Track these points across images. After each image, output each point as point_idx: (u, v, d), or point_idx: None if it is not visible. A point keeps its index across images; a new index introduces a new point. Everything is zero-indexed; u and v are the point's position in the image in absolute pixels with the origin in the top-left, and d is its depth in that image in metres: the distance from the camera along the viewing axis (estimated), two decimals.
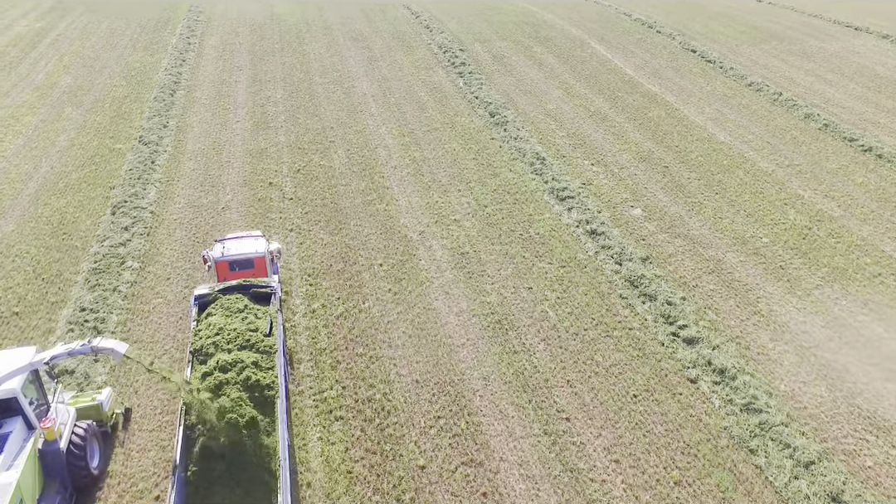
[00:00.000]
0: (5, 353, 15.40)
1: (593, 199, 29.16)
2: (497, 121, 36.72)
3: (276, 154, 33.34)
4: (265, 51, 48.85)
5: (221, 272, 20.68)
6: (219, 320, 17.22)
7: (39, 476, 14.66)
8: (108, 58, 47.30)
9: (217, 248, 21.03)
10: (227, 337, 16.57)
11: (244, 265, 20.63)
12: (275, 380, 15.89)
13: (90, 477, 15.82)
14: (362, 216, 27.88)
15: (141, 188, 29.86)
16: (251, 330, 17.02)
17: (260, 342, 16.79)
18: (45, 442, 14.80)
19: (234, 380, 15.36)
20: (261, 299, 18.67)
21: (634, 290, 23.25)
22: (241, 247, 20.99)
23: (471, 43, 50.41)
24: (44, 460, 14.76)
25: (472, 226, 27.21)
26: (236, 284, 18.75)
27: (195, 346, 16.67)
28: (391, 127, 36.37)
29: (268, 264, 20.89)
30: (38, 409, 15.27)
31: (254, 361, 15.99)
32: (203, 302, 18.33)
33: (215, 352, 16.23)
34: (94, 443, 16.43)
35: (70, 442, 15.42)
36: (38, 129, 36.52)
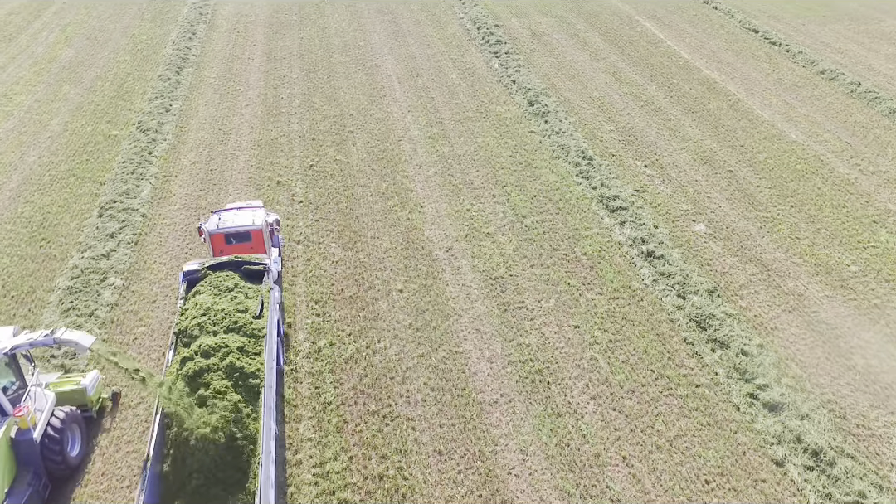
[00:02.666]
0: None
1: (649, 211, 25.11)
2: (537, 110, 32.56)
3: (288, 146, 29.68)
4: (282, 23, 44.86)
5: (217, 245, 19.76)
6: (206, 299, 16.30)
7: (11, 466, 13.87)
8: (113, 29, 43.73)
9: (212, 220, 20.08)
10: (213, 318, 15.70)
11: (241, 238, 19.67)
12: (260, 367, 14.91)
13: (67, 467, 14.86)
14: (381, 226, 24.21)
15: (134, 185, 26.49)
16: (240, 311, 16.10)
17: (248, 325, 15.83)
18: (19, 430, 13.91)
19: (216, 366, 14.45)
20: (254, 277, 17.64)
21: (702, 334, 19.38)
22: (238, 218, 20.03)
23: (507, 18, 45.85)
24: (16, 450, 13.94)
25: (507, 241, 23.41)
26: (228, 261, 17.81)
27: (180, 327, 15.82)
28: (417, 115, 32.42)
29: (265, 237, 19.85)
30: (16, 394, 14.41)
31: (240, 346, 15.09)
32: (192, 279, 17.39)
33: (200, 334, 15.34)
34: (75, 430, 15.42)
35: (46, 430, 14.45)
36: (31, 110, 33.28)
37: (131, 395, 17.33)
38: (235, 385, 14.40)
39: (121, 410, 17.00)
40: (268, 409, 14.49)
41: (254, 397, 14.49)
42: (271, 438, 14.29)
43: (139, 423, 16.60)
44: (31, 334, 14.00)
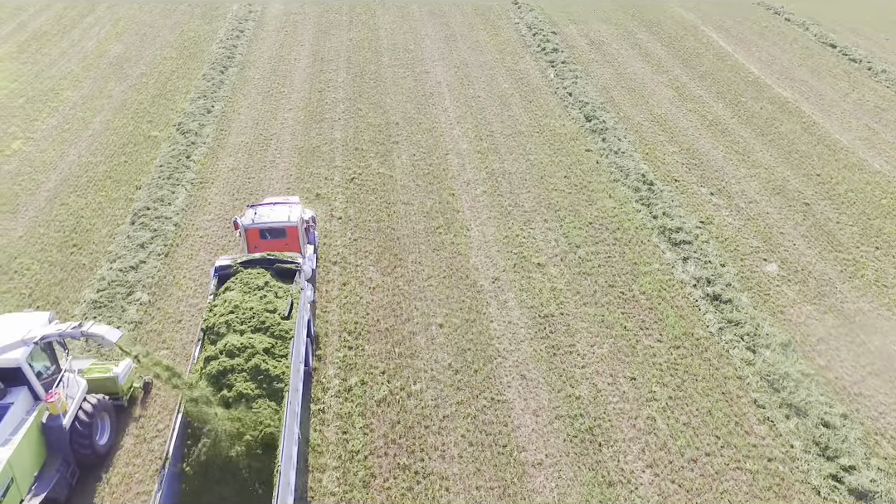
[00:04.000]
0: (19, 317, 14.92)
1: (715, 246, 22.95)
2: (594, 126, 30.54)
3: (329, 155, 28.34)
4: (331, 23, 43.65)
5: (251, 240, 19.58)
6: (235, 296, 16.00)
7: (41, 451, 14.03)
8: (162, 25, 43.17)
9: (248, 214, 19.82)
10: (241, 316, 15.39)
11: (276, 233, 19.43)
12: (285, 370, 14.51)
13: (95, 455, 14.98)
14: (424, 249, 22.63)
15: (169, 190, 25.48)
16: (269, 310, 15.70)
17: (276, 325, 15.42)
18: (50, 416, 14.06)
19: (240, 367, 14.19)
20: (285, 276, 17.22)
21: (774, 396, 17.25)
22: (274, 214, 19.72)
23: (564, 24, 43.77)
24: (47, 435, 14.07)
25: (559, 274, 21.57)
26: (260, 258, 17.40)
27: (208, 324, 15.57)
28: (467, 127, 30.74)
29: (300, 234, 19.55)
30: (50, 378, 14.57)
31: (266, 348, 14.76)
32: (223, 274, 17.13)
33: (227, 332, 15.07)
34: (105, 419, 15.57)
35: (76, 417, 14.58)
36: (76, 106, 32.72)
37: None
38: (259, 388, 14.09)
39: (151, 400, 16.78)
40: (291, 414, 14.14)
41: (278, 401, 14.07)
42: (293, 444, 14.01)
43: (168, 414, 16.14)
44: (61, 325, 14.11)
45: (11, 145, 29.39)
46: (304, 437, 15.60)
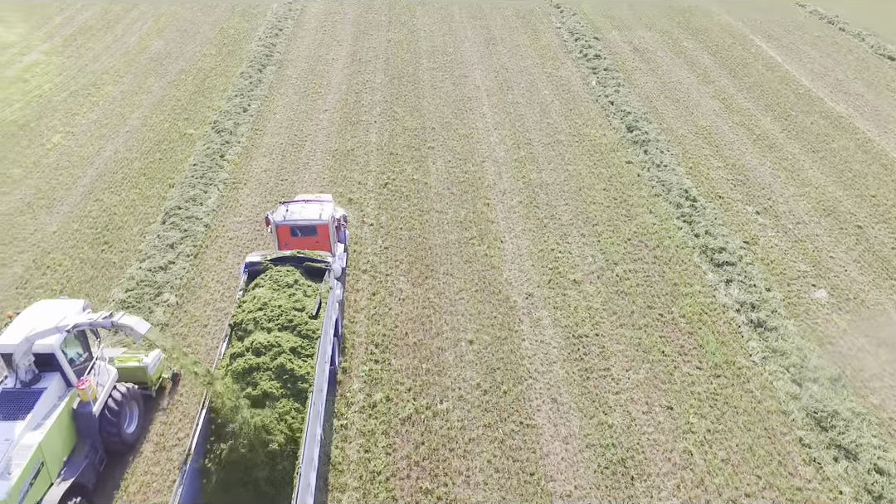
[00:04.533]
0: (55, 305, 15.10)
1: (760, 269, 21.89)
2: (636, 137, 29.58)
3: (364, 158, 27.91)
4: (370, 23, 43.31)
5: (282, 237, 19.53)
6: (264, 294, 15.96)
7: (71, 436, 14.29)
8: (203, 21, 43.33)
9: (280, 211, 19.74)
10: (269, 314, 15.36)
11: (307, 231, 19.38)
12: (311, 371, 14.44)
13: (123, 443, 15.25)
14: (456, 261, 22.03)
15: (202, 190, 25.30)
16: (297, 309, 15.64)
17: (304, 324, 15.35)
18: (80, 403, 14.37)
19: (265, 365, 14.19)
20: (315, 274, 17.18)
21: (822, 435, 16.24)
22: (305, 211, 19.69)
23: (608, 30, 42.73)
24: (77, 421, 14.36)
25: (595, 292, 20.77)
26: (290, 255, 17.38)
27: (236, 320, 15.62)
28: (504, 134, 30.04)
29: (331, 233, 19.49)
30: (82, 365, 14.89)
31: (292, 347, 14.69)
32: (254, 270, 17.17)
33: (254, 329, 15.08)
34: (133, 407, 15.85)
35: (105, 405, 14.90)
36: (115, 102, 32.89)
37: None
38: (284, 387, 14.04)
39: (172, 408, 16.64)
40: (315, 415, 14.11)
41: (302, 401, 13.99)
42: (315, 445, 14.03)
43: (189, 422, 16.00)
44: (93, 315, 14.27)
45: (52, 139, 29.61)
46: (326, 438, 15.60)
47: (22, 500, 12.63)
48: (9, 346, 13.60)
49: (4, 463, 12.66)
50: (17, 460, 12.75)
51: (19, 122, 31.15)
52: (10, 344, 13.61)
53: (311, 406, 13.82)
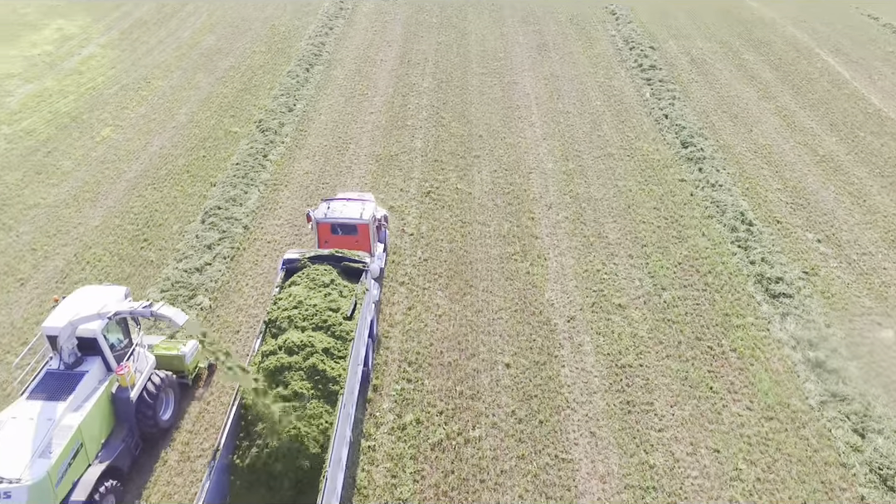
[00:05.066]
0: (98, 291, 15.59)
1: (819, 302, 20.55)
2: (690, 154, 28.31)
3: (408, 164, 27.35)
4: (421, 25, 42.78)
5: (322, 234, 19.56)
6: (300, 292, 15.89)
7: (110, 420, 14.62)
8: (255, 18, 43.44)
9: (321, 208, 19.75)
10: (304, 313, 15.30)
11: (347, 230, 19.34)
12: (342, 373, 14.33)
13: (158, 429, 15.55)
14: (496, 277, 21.26)
15: (242, 190, 25.09)
16: (332, 309, 15.54)
17: (338, 325, 15.22)
18: (119, 387, 14.70)
19: (297, 365, 14.11)
20: (352, 275, 17.03)
21: (888, 496, 14.97)
22: (347, 210, 19.60)
23: (664, 39, 41.31)
24: (115, 405, 14.69)
25: (641, 319, 19.76)
26: (328, 254, 17.29)
27: (271, 317, 15.63)
28: (553, 144, 29.12)
29: (371, 232, 19.39)
30: (122, 351, 15.18)
31: (325, 348, 14.60)
32: (291, 268, 17.08)
33: (288, 327, 15.06)
34: (169, 395, 16.13)
35: (143, 391, 15.20)
36: (165, 96, 33.07)
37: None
38: (315, 388, 13.97)
39: (199, 417, 16.43)
40: (344, 417, 14.02)
41: (332, 403, 13.88)
42: (344, 446, 14.01)
43: (215, 432, 15.80)
44: (133, 303, 14.62)
45: (102, 132, 29.87)
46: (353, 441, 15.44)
47: (61, 479, 12.89)
48: (54, 329, 14.05)
49: (46, 442, 12.97)
50: (57, 440, 13.06)
51: (72, 113, 31.55)
52: (55, 326, 14.05)
53: (341, 408, 13.71)
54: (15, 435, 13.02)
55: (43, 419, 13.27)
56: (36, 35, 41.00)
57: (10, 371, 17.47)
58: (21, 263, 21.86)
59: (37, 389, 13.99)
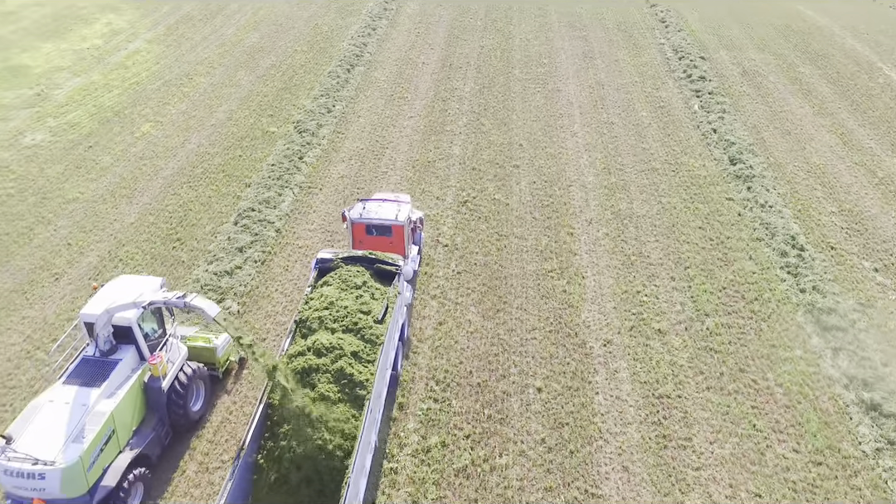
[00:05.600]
0: (134, 280, 15.76)
1: (876, 338, 19.30)
2: (739, 171, 27.13)
3: (444, 172, 26.78)
4: (465, 28, 42.15)
5: (357, 234, 19.52)
6: (332, 293, 15.83)
7: (141, 408, 14.80)
8: (299, 17, 43.37)
9: (357, 208, 19.68)
10: (335, 314, 15.23)
11: (382, 231, 19.26)
12: (370, 378, 14.18)
13: (188, 419, 15.75)
14: (532, 295, 20.54)
15: (276, 193, 24.82)
16: (363, 312, 15.43)
17: (368, 328, 15.10)
18: (151, 377, 14.85)
19: (325, 367, 14.03)
20: (384, 277, 16.89)
21: None
22: (382, 211, 19.48)
23: (715, 49, 39.94)
24: (147, 395, 14.88)
25: (681, 346, 18.83)
26: (361, 255, 17.19)
27: (301, 317, 15.54)
28: (595, 156, 28.22)
29: (406, 234, 19.25)
30: (156, 341, 15.37)
31: (354, 351, 14.47)
32: (324, 268, 17.01)
33: (318, 328, 14.99)
34: (200, 387, 16.32)
35: (174, 381, 15.33)
36: (205, 94, 33.12)
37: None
38: (342, 391, 13.86)
39: (220, 427, 16.17)
40: (370, 422, 13.91)
41: (358, 408, 13.71)
42: (368, 452, 13.91)
43: (235, 444, 15.55)
44: (168, 293, 14.79)
45: (142, 128, 29.99)
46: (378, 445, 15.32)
47: (92, 463, 13.10)
48: (92, 316, 14.30)
49: (80, 427, 13.19)
50: (90, 426, 13.28)
51: (115, 108, 31.79)
52: (92, 314, 14.29)
53: (367, 413, 13.52)
54: (51, 418, 13.30)
55: (77, 404, 13.54)
56: (87, 29, 41.60)
57: (41, 365, 17.43)
58: (56, 258, 21.93)
59: (73, 375, 14.27)
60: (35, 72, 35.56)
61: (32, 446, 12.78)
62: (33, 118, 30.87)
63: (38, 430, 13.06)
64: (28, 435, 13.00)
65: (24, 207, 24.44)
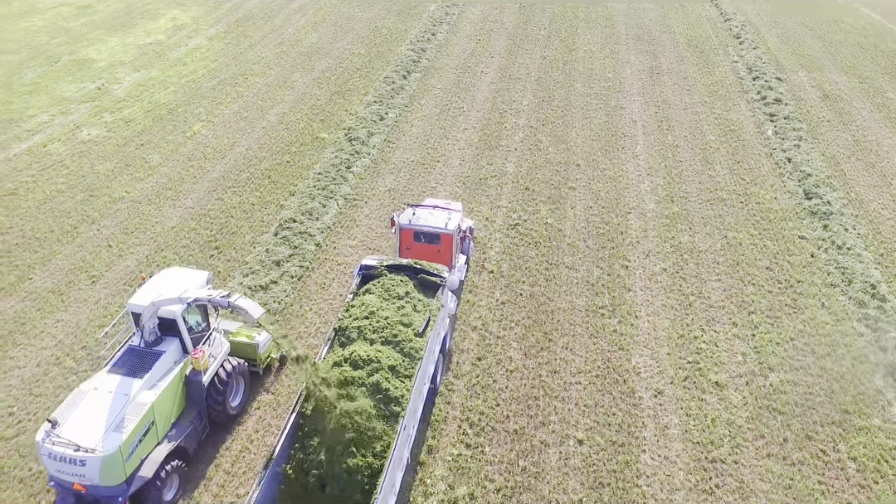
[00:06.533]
0: (182, 273, 16.00)
1: None
2: (814, 206, 25.04)
3: (496, 191, 25.57)
4: (527, 37, 40.77)
5: (405, 240, 19.26)
6: (373, 301, 15.56)
7: (181, 401, 14.88)
8: (360, 18, 42.80)
9: (407, 213, 19.37)
10: (374, 324, 14.94)
11: (430, 238, 18.95)
12: (406, 393, 13.87)
13: (226, 415, 15.73)
14: (579, 333, 19.15)
15: (320, 203, 24.07)
16: (403, 324, 15.09)
17: (407, 342, 14.74)
18: (192, 371, 14.96)
19: (361, 380, 13.73)
20: (428, 288, 16.45)
21: None
22: (432, 218, 19.13)
23: (793, 69, 37.49)
24: (187, 388, 14.97)
25: (741, 403, 17.15)
26: (406, 264, 16.76)
27: (341, 324, 15.34)
28: (657, 181, 26.54)
29: (454, 243, 18.91)
30: (200, 334, 15.39)
31: (392, 365, 14.13)
32: (367, 274, 16.74)
33: (357, 338, 14.77)
34: (240, 383, 16.35)
35: (215, 376, 15.35)
36: (259, 94, 32.76)
37: None
38: (376, 406, 13.53)
39: (239, 458, 15.53)
40: (404, 439, 13.56)
41: (392, 425, 13.37)
42: (399, 469, 13.49)
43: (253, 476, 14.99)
44: (212, 291, 14.81)
45: (193, 127, 29.79)
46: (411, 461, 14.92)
47: (131, 453, 13.22)
48: (139, 307, 14.48)
49: (121, 417, 13.33)
50: (131, 416, 13.41)
51: (169, 105, 31.73)
52: (139, 304, 14.48)
53: (401, 429, 13.18)
54: (94, 406, 13.49)
55: (120, 394, 13.69)
56: (152, 24, 41.99)
57: (68, 373, 17.05)
58: (96, 260, 21.69)
59: (118, 363, 14.44)
60: (99, 65, 35.95)
61: (75, 432, 12.98)
62: (92, 112, 31.06)
63: (81, 417, 13.29)
64: (72, 420, 13.22)
65: (71, 205, 24.38)
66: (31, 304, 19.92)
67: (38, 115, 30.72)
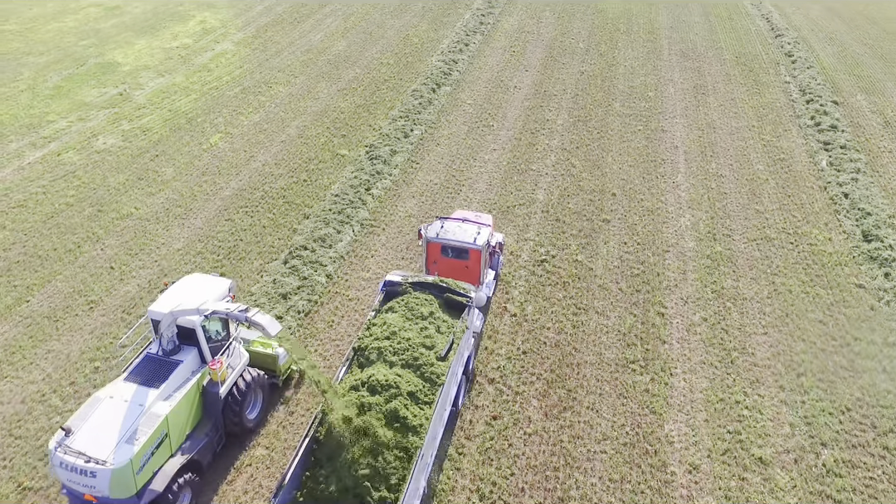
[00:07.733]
0: (203, 281, 15.69)
1: None
2: (875, 251, 22.76)
3: (524, 221, 23.82)
4: (564, 49, 38.83)
5: (432, 254, 18.68)
6: (396, 321, 15.08)
7: (197, 412, 14.52)
8: (390, 25, 41.35)
9: (435, 226, 18.78)
10: (395, 345, 14.46)
11: (458, 253, 18.38)
12: (424, 423, 13.31)
13: (243, 427, 15.39)
14: (607, 391, 17.32)
15: (335, 229, 22.64)
16: (426, 346, 14.56)
17: (429, 366, 14.23)
18: (210, 382, 14.65)
19: (378, 405, 13.22)
20: (454, 307, 15.93)
21: None
22: (461, 232, 18.50)
23: (851, 92, 34.92)
24: (204, 399, 14.65)
25: (788, 485, 15.15)
26: (432, 282, 16.28)
27: (361, 344, 14.90)
28: (699, 216, 24.50)
29: (483, 259, 18.27)
30: (219, 343, 15.05)
31: (411, 391, 13.60)
32: (391, 291, 16.22)
33: (377, 360, 14.27)
34: (258, 394, 15.99)
35: (233, 388, 15.05)
36: (281, 105, 31.54)
37: None
38: (393, 438, 12.98)
39: (247, 484, 14.87)
40: (420, 468, 12.91)
41: (408, 455, 12.81)
42: (415, 498, 12.93)
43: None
44: (231, 304, 14.45)
45: (211, 139, 28.68)
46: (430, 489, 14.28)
47: (143, 466, 12.92)
48: (158, 314, 14.27)
49: (133, 428, 13.03)
50: (144, 427, 13.11)
51: (189, 114, 30.71)
52: (159, 311, 14.25)
53: (418, 459, 12.66)
54: (108, 415, 13.26)
55: (135, 404, 13.43)
56: (181, 27, 41.21)
57: (52, 412, 15.83)
58: (96, 283, 20.58)
59: (134, 372, 14.20)
60: (124, 69, 35.19)
61: (88, 442, 12.80)
62: (110, 119, 30.19)
63: (94, 426, 13.08)
64: (85, 430, 13.00)
65: (78, 220, 23.38)
66: (25, 330, 18.87)
67: (58, 121, 29.97)
